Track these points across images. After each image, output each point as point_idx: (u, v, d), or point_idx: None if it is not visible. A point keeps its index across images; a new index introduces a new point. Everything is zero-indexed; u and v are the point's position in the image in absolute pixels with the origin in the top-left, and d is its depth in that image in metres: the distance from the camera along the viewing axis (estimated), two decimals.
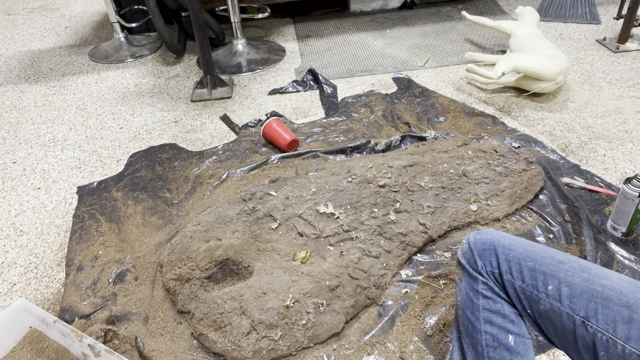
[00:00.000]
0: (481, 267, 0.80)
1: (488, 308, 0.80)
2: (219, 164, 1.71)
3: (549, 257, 0.76)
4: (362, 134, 1.82)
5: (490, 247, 0.80)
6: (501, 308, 0.79)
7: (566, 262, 0.74)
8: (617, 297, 0.67)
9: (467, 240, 0.85)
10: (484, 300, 0.80)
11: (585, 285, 0.70)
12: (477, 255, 0.81)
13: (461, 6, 2.99)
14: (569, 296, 0.70)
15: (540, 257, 0.76)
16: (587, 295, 0.69)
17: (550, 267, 0.74)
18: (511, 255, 0.78)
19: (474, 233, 0.85)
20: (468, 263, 0.83)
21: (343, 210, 1.37)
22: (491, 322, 0.79)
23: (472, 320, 0.81)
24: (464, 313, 0.84)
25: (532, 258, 0.76)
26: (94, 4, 3.57)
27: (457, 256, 0.86)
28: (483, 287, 0.80)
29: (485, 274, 0.80)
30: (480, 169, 1.51)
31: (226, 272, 1.25)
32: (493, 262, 0.80)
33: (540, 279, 0.74)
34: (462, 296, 0.84)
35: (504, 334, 0.78)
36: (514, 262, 0.77)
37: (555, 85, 1.89)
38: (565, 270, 0.73)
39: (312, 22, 2.95)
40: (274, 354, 1.06)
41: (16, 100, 2.30)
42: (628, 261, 1.22)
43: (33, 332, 1.13)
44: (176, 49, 2.51)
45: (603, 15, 2.71)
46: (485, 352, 0.79)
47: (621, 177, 1.52)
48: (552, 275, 0.73)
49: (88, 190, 1.64)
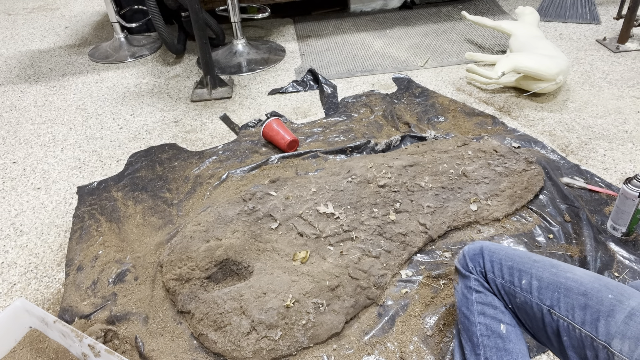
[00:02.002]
0: (471, 267, 0.91)
1: (480, 301, 0.88)
2: (219, 164, 1.71)
3: (526, 257, 0.86)
4: (362, 134, 1.82)
5: (479, 251, 0.91)
6: (492, 300, 0.88)
7: (539, 261, 0.84)
8: (577, 287, 0.76)
9: (462, 250, 0.95)
10: (476, 294, 0.89)
11: (552, 279, 0.79)
12: (468, 258, 0.92)
13: (461, 6, 2.99)
14: (538, 288, 0.80)
15: (518, 257, 0.87)
16: (552, 287, 0.78)
17: (525, 264, 0.84)
18: (494, 257, 0.89)
19: (469, 244, 0.96)
20: (461, 266, 0.94)
21: (343, 210, 1.37)
22: (484, 313, 0.87)
23: (468, 315, 0.89)
24: (460, 310, 0.92)
25: (511, 258, 0.87)
26: (94, 4, 3.57)
27: (454, 264, 0.97)
28: (475, 284, 0.90)
29: (475, 272, 0.91)
30: (480, 169, 1.51)
31: (226, 272, 1.25)
32: (480, 262, 0.90)
33: (516, 275, 0.84)
34: (459, 295, 0.94)
35: (496, 323, 0.85)
36: (496, 262, 0.88)
37: (555, 85, 1.89)
38: (537, 267, 0.83)
39: (312, 22, 2.95)
40: (274, 354, 1.06)
41: (16, 100, 2.30)
42: (628, 261, 1.22)
43: (33, 332, 1.13)
44: (176, 49, 2.51)
45: (603, 15, 2.71)
46: (481, 341, 0.86)
47: (621, 177, 1.52)
48: (526, 272, 0.83)
49: (88, 190, 1.64)
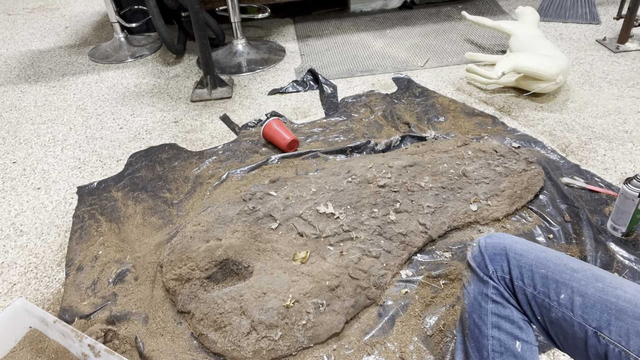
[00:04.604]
0: (492, 271, 0.79)
1: (497, 313, 0.79)
2: (219, 164, 1.71)
3: (562, 265, 0.75)
4: (362, 134, 1.82)
5: (502, 252, 0.79)
6: (510, 314, 0.78)
7: (579, 271, 0.73)
8: (631, 309, 0.66)
9: (477, 243, 0.83)
10: (492, 304, 0.79)
11: (598, 296, 0.69)
12: (488, 259, 0.80)
13: (461, 6, 2.99)
14: (582, 306, 0.69)
15: (553, 264, 0.75)
16: (600, 306, 0.68)
17: (563, 275, 0.73)
18: (523, 262, 0.77)
19: (485, 236, 0.83)
20: (478, 267, 0.81)
21: (343, 210, 1.37)
22: (499, 327, 0.78)
23: (479, 324, 0.80)
24: (470, 316, 0.82)
25: (544, 265, 0.75)
26: (94, 4, 3.57)
27: (467, 258, 0.85)
28: (493, 292, 0.79)
29: (496, 278, 0.79)
30: (480, 169, 1.51)
31: (226, 272, 1.25)
32: (504, 267, 0.78)
33: (552, 287, 0.73)
34: (470, 299, 0.83)
35: (511, 340, 0.77)
36: (526, 269, 0.76)
37: (555, 85, 1.89)
38: (579, 279, 0.72)
39: (312, 22, 2.95)
40: (274, 354, 1.06)
41: (16, 100, 2.30)
42: (628, 261, 1.22)
43: (33, 332, 1.13)
44: (176, 49, 2.51)
45: (603, 15, 2.71)
46: (492, 357, 0.78)
47: (621, 177, 1.52)
48: (565, 284, 0.72)
49: (88, 190, 1.64)
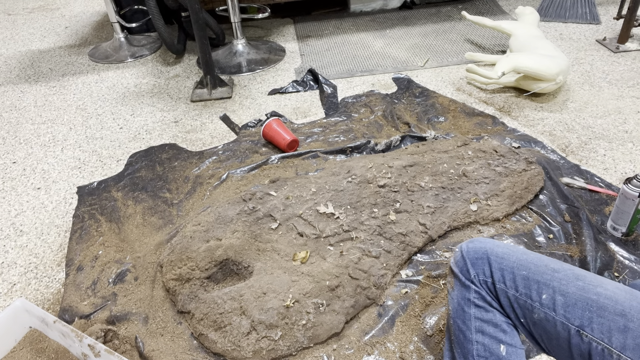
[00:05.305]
0: (474, 275, 0.79)
1: (479, 317, 0.79)
2: (219, 164, 1.71)
3: (543, 266, 0.75)
4: (362, 134, 1.82)
5: (484, 256, 0.79)
6: (493, 317, 0.78)
7: (560, 271, 0.73)
8: (612, 305, 0.66)
9: (459, 248, 0.83)
10: (475, 309, 0.79)
11: (579, 294, 0.69)
12: (469, 263, 0.80)
13: (461, 6, 2.99)
14: (564, 305, 0.70)
15: (534, 265, 0.75)
16: (581, 304, 0.68)
17: (544, 275, 0.73)
18: (504, 264, 0.77)
19: (467, 241, 0.84)
20: (460, 272, 0.82)
21: (343, 211, 1.37)
22: (483, 331, 0.78)
23: (463, 330, 0.80)
24: (455, 322, 0.83)
25: (525, 267, 0.75)
26: (94, 4, 3.57)
27: (450, 264, 0.85)
28: (475, 296, 0.79)
29: (478, 282, 0.79)
30: (480, 169, 1.51)
31: (226, 272, 1.25)
32: (486, 270, 0.79)
33: (534, 288, 0.73)
34: (454, 305, 0.83)
35: (495, 343, 0.77)
36: (507, 271, 0.76)
37: (555, 85, 1.89)
38: (560, 279, 0.72)
39: (312, 22, 2.95)
40: (274, 354, 1.06)
41: (16, 100, 2.30)
42: (628, 261, 1.22)
43: (33, 332, 1.13)
44: (176, 49, 2.51)
45: (603, 15, 2.71)
46: None
47: (621, 177, 1.52)
48: (546, 284, 0.72)
49: (88, 190, 1.64)
